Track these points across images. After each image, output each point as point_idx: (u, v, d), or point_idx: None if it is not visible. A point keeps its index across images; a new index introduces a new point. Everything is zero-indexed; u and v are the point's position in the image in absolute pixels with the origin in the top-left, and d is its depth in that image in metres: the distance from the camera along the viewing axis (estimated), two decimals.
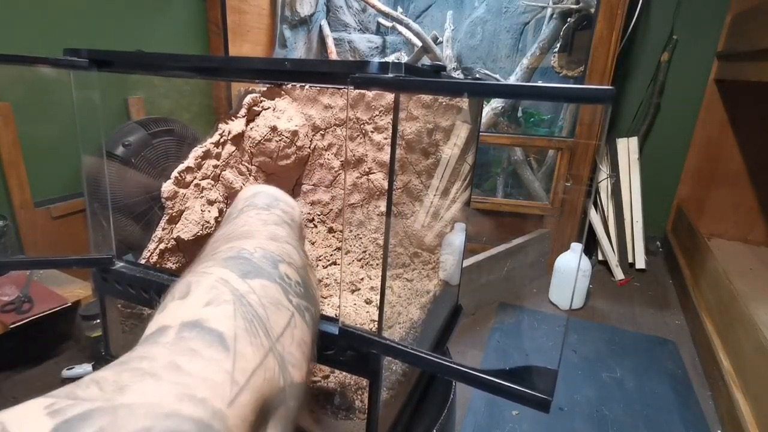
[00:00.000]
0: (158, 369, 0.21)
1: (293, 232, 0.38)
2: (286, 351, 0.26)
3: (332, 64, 0.62)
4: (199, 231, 0.57)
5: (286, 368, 0.26)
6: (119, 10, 1.57)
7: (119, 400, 0.18)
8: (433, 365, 0.34)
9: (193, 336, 0.23)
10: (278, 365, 0.25)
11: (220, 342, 0.23)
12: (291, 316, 0.28)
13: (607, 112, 0.32)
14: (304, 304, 0.30)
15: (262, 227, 0.36)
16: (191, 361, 0.22)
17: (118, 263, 0.49)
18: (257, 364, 0.24)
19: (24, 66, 0.46)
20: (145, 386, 0.19)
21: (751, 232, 2.15)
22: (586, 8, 1.90)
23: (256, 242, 0.32)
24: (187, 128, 1.44)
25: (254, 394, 0.22)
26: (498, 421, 1.19)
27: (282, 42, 2.19)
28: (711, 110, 2.12)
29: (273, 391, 0.24)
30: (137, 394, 0.19)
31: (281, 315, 0.28)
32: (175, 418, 0.18)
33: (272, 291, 0.28)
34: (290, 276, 0.31)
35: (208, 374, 0.21)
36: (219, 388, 0.21)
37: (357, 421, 0.45)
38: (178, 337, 0.23)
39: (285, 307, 0.28)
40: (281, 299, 0.28)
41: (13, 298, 1.17)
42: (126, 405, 0.18)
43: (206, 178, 0.59)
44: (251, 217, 0.38)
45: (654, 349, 1.52)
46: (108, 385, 0.19)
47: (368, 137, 0.64)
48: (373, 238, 0.65)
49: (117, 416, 0.17)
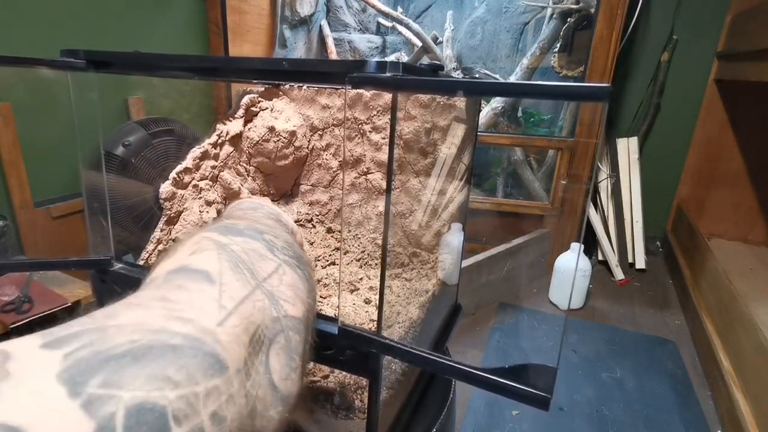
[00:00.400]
0: (146, 301, 0.21)
1: (284, 227, 0.39)
2: (276, 289, 0.26)
3: (330, 64, 0.62)
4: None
5: (278, 302, 0.26)
6: (119, 10, 1.57)
7: (109, 323, 0.19)
8: (433, 364, 0.34)
9: (179, 276, 0.24)
10: (267, 299, 0.25)
11: (205, 278, 0.23)
12: (278, 265, 0.29)
13: (604, 109, 0.32)
14: (294, 262, 0.31)
15: (249, 218, 0.37)
16: (178, 293, 0.22)
17: (117, 264, 0.49)
18: (245, 296, 0.24)
19: (23, 66, 0.46)
20: (134, 313, 0.20)
21: (751, 232, 2.14)
22: (586, 8, 1.90)
23: (243, 221, 0.34)
24: (187, 128, 1.44)
25: (244, 319, 0.22)
26: (498, 420, 1.19)
27: (282, 42, 2.19)
28: (711, 110, 2.11)
29: (267, 321, 0.24)
30: (126, 318, 0.19)
31: (266, 263, 0.28)
32: (164, 333, 0.19)
33: (255, 245, 0.29)
34: (275, 241, 0.31)
35: (195, 301, 0.22)
36: (207, 311, 0.21)
37: (357, 420, 0.45)
38: (165, 280, 0.24)
39: (270, 258, 0.29)
40: (265, 253, 0.29)
41: (13, 298, 1.17)
42: (115, 325, 0.18)
43: (204, 179, 0.59)
44: (237, 215, 0.39)
45: (654, 349, 1.52)
46: (99, 315, 0.20)
47: (366, 137, 0.64)
48: (371, 238, 0.65)
49: (106, 333, 0.18)
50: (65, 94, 0.45)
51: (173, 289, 0.22)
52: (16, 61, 0.45)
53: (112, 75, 0.47)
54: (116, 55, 0.45)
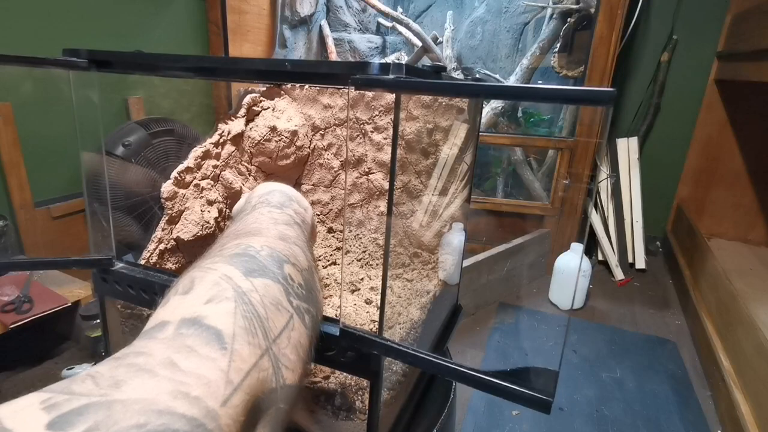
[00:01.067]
0: (154, 365, 0.21)
1: (303, 233, 0.38)
2: (281, 353, 0.26)
3: (333, 65, 0.62)
4: (199, 231, 0.57)
5: (280, 370, 0.26)
6: (119, 10, 1.57)
7: (114, 395, 0.18)
8: (435, 366, 0.34)
9: (192, 333, 0.23)
10: (272, 366, 0.25)
11: (217, 340, 0.23)
12: (290, 317, 0.28)
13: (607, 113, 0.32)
14: (305, 306, 0.31)
15: (272, 226, 0.36)
16: (188, 358, 0.22)
17: (118, 264, 0.49)
18: (252, 365, 0.24)
19: (24, 66, 0.46)
20: (141, 382, 0.19)
21: (751, 232, 2.15)
22: (586, 8, 1.89)
23: (264, 240, 0.33)
24: (188, 128, 1.43)
25: (247, 394, 0.22)
26: (498, 421, 1.19)
27: (282, 42, 2.19)
28: (711, 110, 2.12)
29: (265, 392, 0.24)
30: (132, 390, 0.19)
31: (280, 316, 0.28)
32: (169, 416, 0.18)
33: (274, 291, 0.28)
34: (294, 277, 0.31)
35: (204, 372, 0.21)
36: (213, 387, 0.21)
37: (357, 421, 0.45)
38: (176, 334, 0.23)
39: (285, 308, 0.28)
40: (282, 300, 0.28)
41: (13, 298, 1.17)
42: (121, 401, 0.18)
43: (206, 179, 0.59)
44: (263, 214, 0.38)
45: (654, 349, 1.52)
46: (104, 380, 0.19)
47: (368, 137, 0.63)
48: (372, 238, 0.65)
49: (112, 411, 0.17)
50: (65, 93, 0.45)
51: (183, 351, 0.22)
52: (18, 61, 0.45)
53: (112, 75, 0.47)
54: (118, 54, 0.45)
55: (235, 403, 0.21)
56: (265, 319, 0.26)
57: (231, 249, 0.31)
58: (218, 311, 0.25)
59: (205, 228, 0.58)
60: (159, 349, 0.22)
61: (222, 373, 0.22)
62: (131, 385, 0.19)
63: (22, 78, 1.27)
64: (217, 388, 0.21)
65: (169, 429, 0.18)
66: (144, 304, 0.49)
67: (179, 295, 0.26)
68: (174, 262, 0.58)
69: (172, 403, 0.19)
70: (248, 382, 0.23)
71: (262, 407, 0.24)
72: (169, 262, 0.58)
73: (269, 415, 0.24)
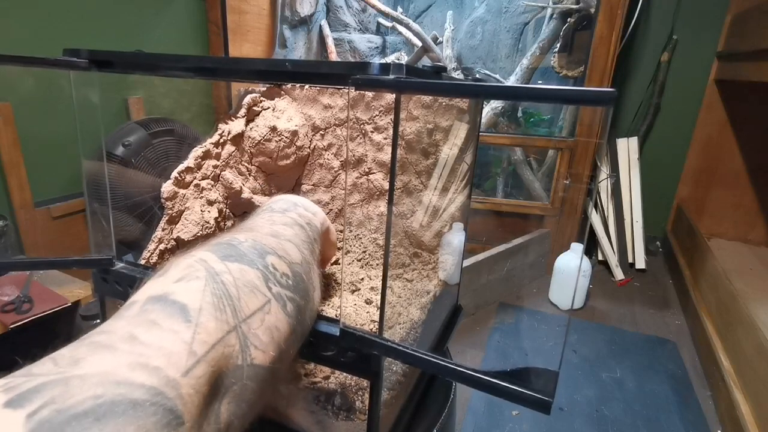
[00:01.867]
0: (114, 340, 0.21)
1: (306, 233, 0.39)
2: (252, 332, 0.26)
3: (333, 65, 0.62)
4: (199, 231, 0.57)
5: (248, 348, 0.26)
6: (119, 10, 1.57)
7: (73, 371, 0.18)
8: (436, 367, 0.34)
9: (156, 308, 0.23)
10: (240, 344, 0.25)
11: (181, 313, 0.23)
12: (266, 302, 0.28)
13: (608, 113, 0.32)
14: (288, 294, 0.30)
15: (266, 225, 0.37)
16: (149, 331, 0.22)
17: (118, 264, 0.49)
18: (218, 339, 0.24)
19: (24, 66, 0.46)
20: (100, 357, 0.20)
21: (751, 232, 2.15)
22: (586, 8, 1.89)
23: (252, 235, 0.33)
24: (188, 128, 1.43)
25: (212, 367, 0.22)
26: (498, 421, 1.19)
27: (282, 42, 2.19)
28: (711, 110, 2.12)
29: (230, 368, 0.24)
30: (90, 366, 0.19)
31: (255, 298, 0.28)
32: (127, 386, 0.18)
33: (250, 275, 0.28)
34: (277, 267, 0.31)
35: (165, 344, 0.21)
36: (175, 358, 0.21)
37: (357, 422, 0.45)
38: (141, 310, 0.23)
39: (261, 292, 0.28)
40: (259, 285, 0.29)
41: (13, 298, 1.17)
42: (79, 375, 0.18)
43: (206, 179, 0.59)
44: (262, 218, 0.39)
45: (654, 349, 1.52)
46: (63, 360, 0.19)
47: (368, 137, 0.64)
48: (372, 238, 0.65)
49: (69, 386, 0.18)
50: (66, 93, 0.45)
51: (144, 324, 0.22)
52: (19, 60, 0.45)
53: (113, 75, 0.47)
54: (119, 54, 0.45)
55: (197, 374, 0.21)
56: (236, 299, 0.26)
57: (215, 240, 0.31)
58: (187, 288, 0.25)
59: (206, 228, 0.58)
60: (120, 325, 0.22)
61: (185, 345, 0.22)
62: (90, 361, 0.19)
63: (22, 78, 1.27)
64: (179, 359, 0.21)
65: (126, 398, 0.18)
66: None
67: (154, 278, 0.27)
68: None
69: (130, 375, 0.19)
70: (213, 355, 0.23)
71: (226, 382, 0.24)
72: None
73: (233, 391, 0.24)
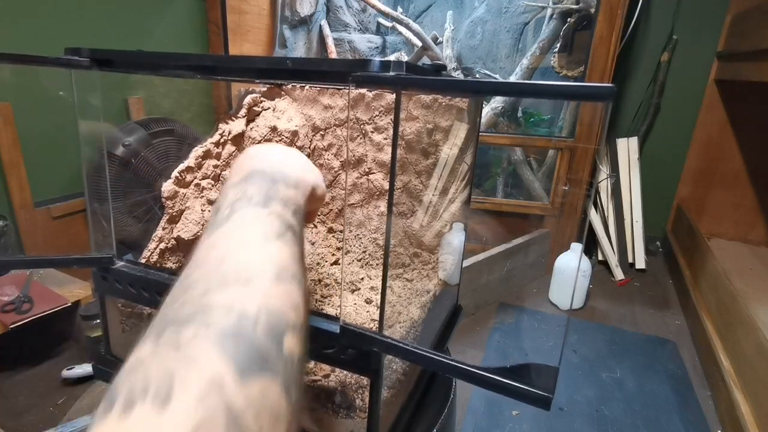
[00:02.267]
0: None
1: (297, 236, 0.31)
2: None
3: (333, 63, 0.62)
4: (199, 231, 0.57)
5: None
6: (119, 9, 1.57)
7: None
8: (435, 363, 0.34)
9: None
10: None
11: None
12: (287, 426, 0.24)
13: (607, 109, 0.32)
14: (300, 395, 0.26)
15: (263, 257, 0.29)
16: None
17: (119, 263, 0.49)
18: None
19: (24, 65, 0.46)
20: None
21: (751, 232, 2.15)
22: (586, 8, 1.90)
23: (259, 296, 0.26)
24: (188, 128, 1.44)
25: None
26: (498, 421, 1.19)
27: (282, 42, 2.19)
28: (711, 110, 2.12)
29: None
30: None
31: (275, 428, 0.23)
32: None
33: (273, 396, 0.23)
34: (294, 352, 0.25)
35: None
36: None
37: (358, 420, 0.45)
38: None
39: (284, 417, 0.23)
40: (282, 406, 0.23)
41: (13, 298, 1.17)
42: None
43: (206, 178, 0.59)
44: (246, 225, 0.30)
45: (654, 349, 1.52)
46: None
47: (368, 137, 0.64)
48: (372, 238, 0.65)
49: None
50: (66, 93, 0.45)
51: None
52: (20, 60, 0.45)
53: (114, 74, 0.47)
54: (120, 53, 0.45)
55: None
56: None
57: (219, 313, 0.24)
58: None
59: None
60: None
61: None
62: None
63: (23, 78, 1.27)
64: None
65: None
66: (144, 303, 0.49)
67: (152, 398, 0.20)
68: (174, 261, 0.58)
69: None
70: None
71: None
72: (169, 261, 0.58)
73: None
